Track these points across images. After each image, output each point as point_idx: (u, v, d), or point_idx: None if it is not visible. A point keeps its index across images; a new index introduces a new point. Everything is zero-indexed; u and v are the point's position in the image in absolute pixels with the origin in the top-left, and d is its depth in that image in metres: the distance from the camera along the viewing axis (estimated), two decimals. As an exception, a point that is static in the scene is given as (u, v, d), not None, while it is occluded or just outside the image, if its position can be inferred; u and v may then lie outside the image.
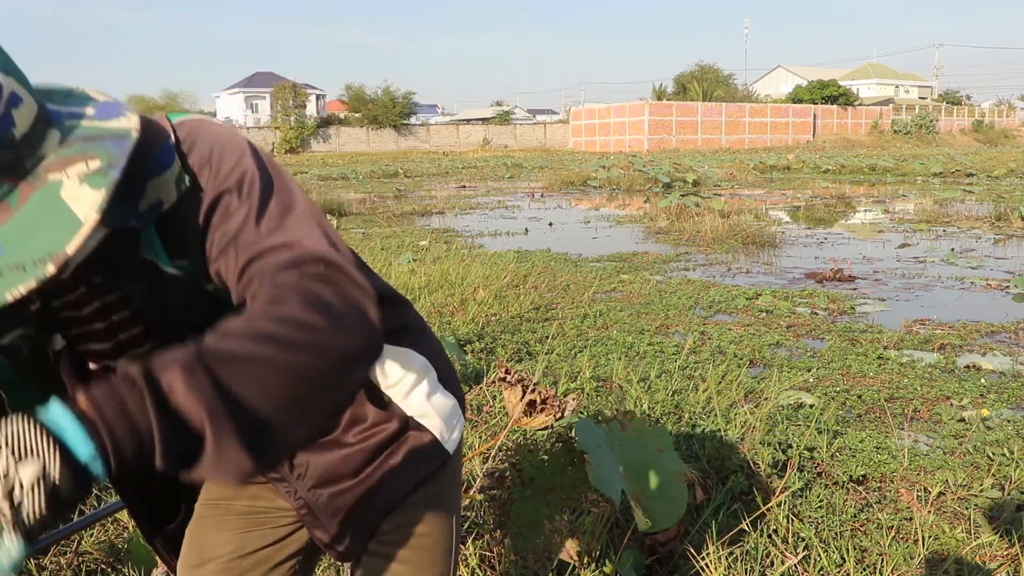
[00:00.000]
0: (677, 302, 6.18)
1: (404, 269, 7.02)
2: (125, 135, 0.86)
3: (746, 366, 4.41)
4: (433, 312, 5.49)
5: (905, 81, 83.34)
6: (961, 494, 2.79)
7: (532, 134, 65.17)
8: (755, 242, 9.73)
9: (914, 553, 2.39)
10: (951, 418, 3.59)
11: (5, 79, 0.80)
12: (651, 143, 53.52)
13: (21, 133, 0.80)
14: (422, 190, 21.72)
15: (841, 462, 3.06)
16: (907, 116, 66.11)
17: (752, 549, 2.37)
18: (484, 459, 2.74)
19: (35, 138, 0.82)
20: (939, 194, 17.16)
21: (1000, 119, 75.96)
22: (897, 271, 7.81)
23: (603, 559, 2.25)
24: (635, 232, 11.31)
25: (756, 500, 2.69)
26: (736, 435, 3.17)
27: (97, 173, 0.81)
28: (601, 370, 4.23)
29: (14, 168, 0.80)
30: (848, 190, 19.45)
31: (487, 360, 4.40)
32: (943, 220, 12.10)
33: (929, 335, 5.11)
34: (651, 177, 20.87)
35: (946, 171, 23.83)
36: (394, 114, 59.72)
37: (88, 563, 2.32)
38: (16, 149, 0.80)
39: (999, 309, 6.02)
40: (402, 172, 29.53)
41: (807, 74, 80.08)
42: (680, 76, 66.42)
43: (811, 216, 13.50)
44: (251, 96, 67.21)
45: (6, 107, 0.79)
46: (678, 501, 2.13)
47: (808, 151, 43.13)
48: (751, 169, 26.87)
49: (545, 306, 5.98)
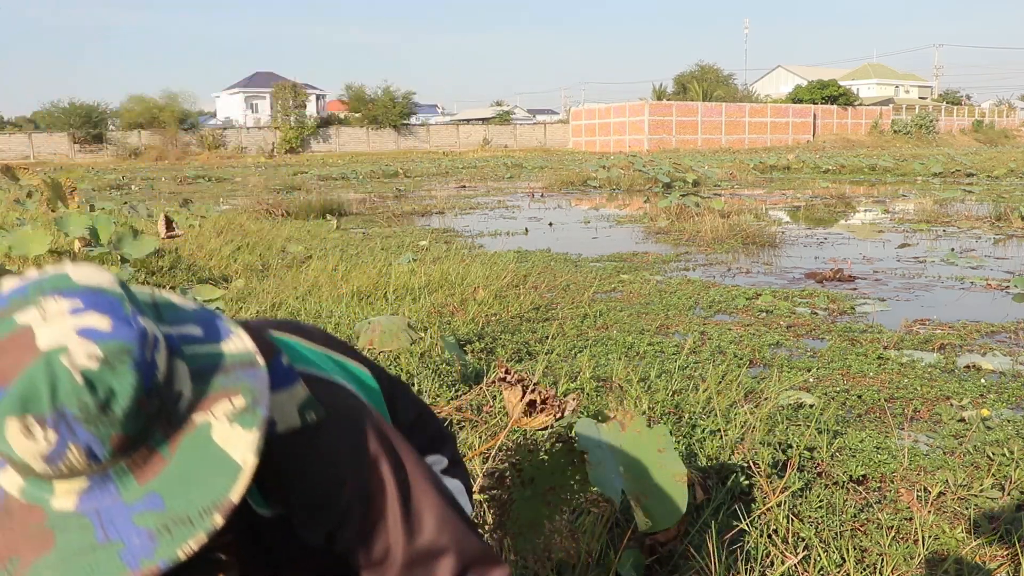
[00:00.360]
0: (677, 302, 6.18)
1: (404, 269, 7.02)
2: (251, 362, 0.84)
3: (746, 366, 4.41)
4: (433, 312, 5.48)
5: (905, 81, 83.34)
6: (961, 494, 2.78)
7: (532, 134, 65.16)
8: (755, 242, 9.73)
9: (914, 553, 2.38)
10: (951, 418, 3.59)
11: (146, 322, 0.77)
12: (651, 143, 53.52)
13: (163, 375, 0.78)
14: (422, 190, 21.71)
15: (841, 462, 3.05)
16: (907, 116, 66.11)
17: (752, 549, 2.37)
18: (484, 459, 2.74)
19: (172, 376, 0.79)
20: (939, 194, 17.16)
21: (1000, 119, 75.96)
22: (897, 271, 7.80)
23: (603, 559, 2.25)
24: (635, 232, 11.30)
25: (756, 500, 2.69)
26: (736, 435, 3.17)
27: (245, 412, 0.79)
28: (601, 370, 4.23)
29: (161, 414, 0.77)
30: (848, 190, 19.45)
31: (487, 360, 4.40)
32: (943, 220, 12.10)
33: (929, 335, 5.11)
34: (651, 177, 20.86)
35: (946, 171, 23.83)
36: (394, 114, 59.73)
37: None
38: (161, 394, 0.77)
39: (999, 309, 6.02)
40: (402, 172, 29.52)
41: (807, 74, 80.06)
42: (680, 76, 66.41)
43: (811, 216, 13.50)
44: (251, 96, 67.21)
45: (151, 352, 0.76)
46: (678, 501, 2.13)
47: (808, 151, 43.13)
48: (751, 169, 26.86)
49: (545, 306, 5.98)
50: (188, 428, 0.78)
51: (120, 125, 54.84)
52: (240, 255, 8.13)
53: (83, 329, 0.73)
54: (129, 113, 54.39)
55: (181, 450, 0.77)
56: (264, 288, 6.30)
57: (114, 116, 55.25)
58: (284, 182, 24.26)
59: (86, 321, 0.74)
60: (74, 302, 0.75)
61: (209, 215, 12.08)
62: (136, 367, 0.74)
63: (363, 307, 5.67)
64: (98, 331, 0.74)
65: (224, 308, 5.14)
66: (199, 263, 7.45)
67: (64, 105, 53.60)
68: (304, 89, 58.69)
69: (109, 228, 6.67)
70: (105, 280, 0.79)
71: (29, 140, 53.00)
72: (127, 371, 0.73)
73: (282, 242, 9.51)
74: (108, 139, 54.12)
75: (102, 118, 54.27)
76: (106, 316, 0.75)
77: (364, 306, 5.71)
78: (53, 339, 0.72)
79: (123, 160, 50.40)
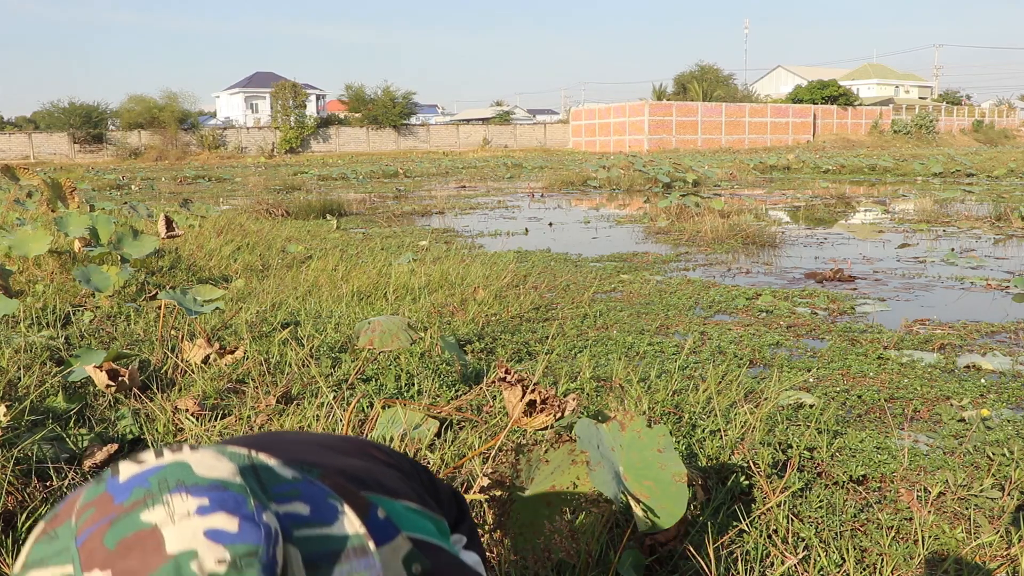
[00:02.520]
0: (677, 302, 6.18)
1: (404, 269, 7.02)
2: (364, 548, 0.82)
3: (746, 366, 4.41)
4: (433, 312, 5.48)
5: (905, 81, 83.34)
6: (961, 494, 2.78)
7: (532, 134, 65.16)
8: (755, 242, 9.73)
9: (914, 553, 2.38)
10: (951, 418, 3.59)
11: (269, 518, 0.76)
12: (651, 143, 53.52)
13: (280, 568, 0.76)
14: (422, 190, 21.71)
15: (841, 462, 3.05)
16: (907, 116, 66.12)
17: (752, 549, 2.37)
18: (484, 459, 2.74)
19: (288, 566, 0.77)
20: (939, 194, 17.16)
21: (1000, 119, 75.96)
22: (897, 271, 7.80)
23: (603, 559, 2.25)
24: (635, 232, 11.30)
25: (756, 500, 2.69)
26: (736, 435, 3.17)
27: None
28: (601, 370, 4.23)
29: None
30: (848, 190, 19.45)
31: (487, 360, 4.40)
32: (943, 220, 12.10)
33: (929, 335, 5.11)
34: (651, 177, 20.87)
35: (946, 171, 23.83)
36: (394, 114, 59.75)
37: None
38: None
39: (999, 309, 6.02)
40: (402, 172, 29.52)
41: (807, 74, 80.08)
42: (680, 76, 66.41)
43: (811, 216, 13.50)
44: (251, 96, 67.22)
45: (274, 549, 0.75)
46: (678, 501, 2.13)
47: (808, 151, 43.13)
48: (751, 169, 26.86)
49: (545, 306, 5.98)
50: None
51: (120, 125, 54.88)
52: (240, 255, 8.13)
53: (211, 531, 0.73)
54: (129, 113, 54.42)
55: None
56: (264, 288, 6.30)
57: (114, 116, 55.28)
58: (284, 182, 24.27)
59: (214, 523, 0.73)
60: (201, 500, 0.74)
61: (209, 215, 12.08)
62: (263, 569, 0.74)
63: (363, 307, 5.67)
64: (226, 533, 0.73)
65: (224, 308, 5.14)
66: (199, 263, 7.45)
67: (64, 105, 53.67)
68: (304, 89, 58.69)
69: (109, 228, 6.67)
70: (227, 472, 0.78)
71: (29, 140, 53.03)
72: (254, 574, 0.73)
73: (282, 242, 9.51)
74: (108, 139, 54.15)
75: (102, 118, 54.31)
76: (234, 517, 0.74)
77: (364, 306, 5.71)
78: (183, 542, 0.72)
79: (123, 160, 50.42)
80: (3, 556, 2.23)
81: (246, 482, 0.79)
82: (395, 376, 3.95)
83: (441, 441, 3.07)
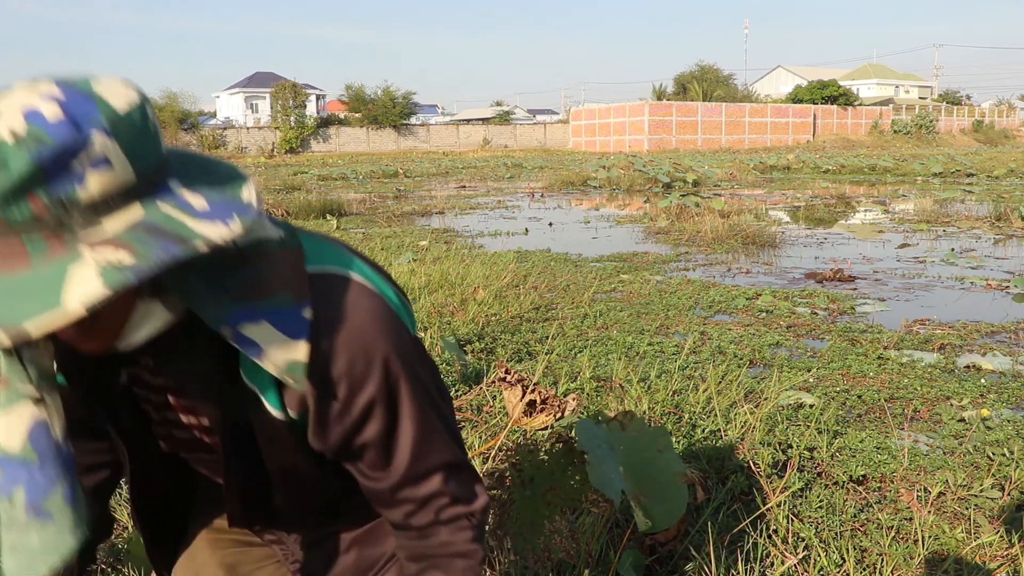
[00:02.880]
0: (677, 302, 6.18)
1: (404, 269, 7.02)
2: (188, 241, 0.77)
3: (746, 366, 4.41)
4: (433, 312, 5.49)
5: (905, 81, 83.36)
6: (961, 494, 2.78)
7: (532, 134, 65.17)
8: (755, 242, 9.73)
9: (914, 553, 2.38)
10: (951, 418, 3.59)
11: (102, 138, 0.74)
12: (651, 143, 53.52)
13: (89, 197, 0.74)
14: (422, 190, 21.72)
15: (841, 462, 3.05)
16: (907, 116, 66.12)
17: (752, 549, 2.37)
18: (484, 459, 2.74)
19: (105, 208, 0.75)
20: (939, 194, 17.16)
21: (1000, 119, 75.97)
22: (897, 271, 7.81)
23: (603, 559, 2.25)
24: (635, 232, 11.31)
25: (756, 500, 2.69)
26: (736, 435, 3.17)
27: (116, 268, 0.72)
28: (601, 370, 4.23)
29: (58, 227, 0.73)
30: (848, 190, 19.45)
31: (487, 360, 4.40)
32: (943, 220, 12.10)
33: (929, 335, 5.11)
34: (651, 177, 20.87)
35: (946, 171, 23.83)
36: (394, 114, 59.74)
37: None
38: (70, 210, 0.73)
39: (999, 309, 6.02)
40: (402, 172, 29.52)
41: (807, 74, 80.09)
42: (680, 76, 66.44)
43: (811, 216, 13.50)
44: (251, 96, 67.21)
45: (84, 165, 0.73)
46: (678, 501, 2.13)
47: (808, 151, 43.13)
48: (751, 169, 26.87)
49: (545, 306, 5.98)
50: (65, 252, 0.74)
51: (120, 125, 54.79)
52: (240, 255, 8.12)
53: (33, 111, 0.72)
54: (129, 113, 54.38)
55: (41, 265, 0.73)
56: (264, 288, 6.29)
57: (114, 116, 55.21)
58: (284, 182, 24.26)
59: (45, 108, 0.73)
60: (56, 92, 0.74)
61: (209, 215, 12.06)
62: (44, 162, 0.71)
63: (363, 307, 5.67)
64: (44, 119, 0.72)
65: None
66: (199, 263, 7.44)
67: (64, 105, 53.60)
68: (304, 89, 58.69)
69: (109, 228, 6.66)
70: (120, 100, 0.77)
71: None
72: (29, 159, 0.71)
73: (282, 242, 9.49)
74: (108, 139, 54.09)
75: (102, 118, 54.26)
76: (66, 115, 0.73)
77: (364, 306, 5.71)
78: (6, 104, 0.73)
79: (123, 160, 50.34)
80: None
81: (130, 114, 0.78)
82: (395, 376, 3.95)
83: (441, 441, 3.07)
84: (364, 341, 0.94)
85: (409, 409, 1.00)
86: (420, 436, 1.01)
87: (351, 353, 0.93)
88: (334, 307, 0.94)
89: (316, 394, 0.94)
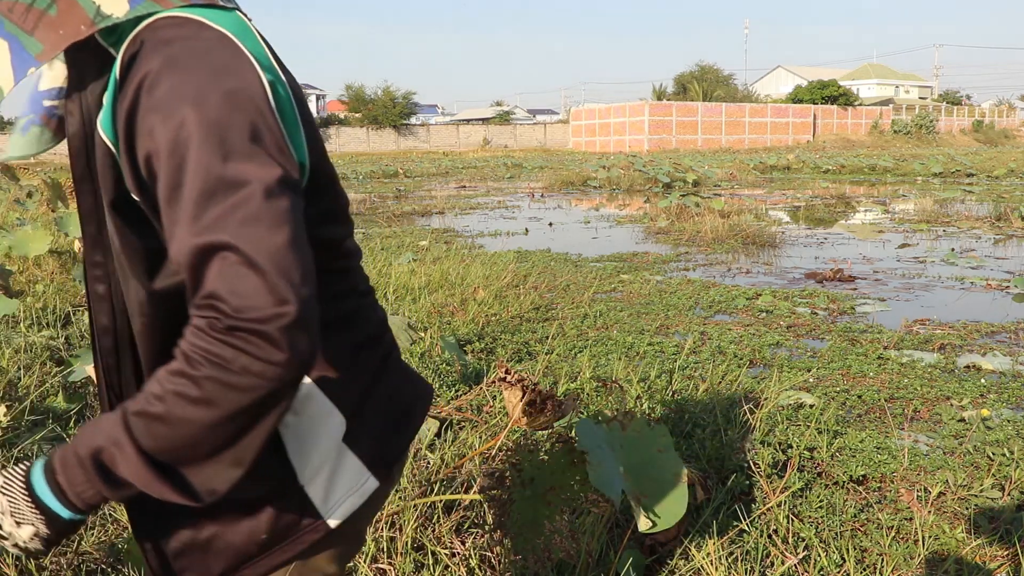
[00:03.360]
0: (677, 302, 6.18)
1: (404, 269, 7.02)
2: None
3: (746, 366, 4.41)
4: (433, 312, 5.49)
5: (905, 81, 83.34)
6: (961, 494, 2.78)
7: (532, 134, 65.16)
8: (755, 242, 9.73)
9: (914, 553, 2.38)
10: (951, 418, 3.59)
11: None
12: (651, 143, 53.51)
13: None
14: (422, 190, 21.72)
15: (841, 462, 3.06)
16: (907, 116, 66.10)
17: (752, 549, 2.37)
18: (484, 459, 2.74)
19: None
20: (939, 194, 17.16)
21: (1000, 119, 75.94)
22: (897, 271, 7.81)
23: (603, 559, 2.25)
24: (635, 232, 11.31)
25: (756, 500, 2.70)
26: (736, 435, 3.17)
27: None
28: (601, 370, 4.23)
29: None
30: (848, 190, 19.45)
31: (487, 360, 4.40)
32: (943, 220, 12.10)
33: (929, 335, 5.11)
34: (651, 177, 20.86)
35: (946, 171, 23.83)
36: (394, 114, 59.72)
37: (88, 563, 2.32)
38: None
39: (999, 309, 6.02)
40: (402, 172, 29.52)
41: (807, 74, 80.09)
42: (680, 76, 66.42)
43: (811, 216, 13.50)
44: (251, 96, 67.11)
45: None
46: (678, 501, 2.13)
47: (808, 151, 43.13)
48: (751, 169, 26.87)
49: (545, 306, 5.98)
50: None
51: (120, 125, 54.82)
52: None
53: None
54: (129, 113, 54.39)
55: None
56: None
57: (114, 116, 55.24)
58: (284, 182, 24.20)
59: None
60: None
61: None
62: None
63: (363, 307, 5.67)
64: None
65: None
66: (199, 263, 7.44)
67: (64, 105, 53.61)
68: (304, 89, 58.57)
69: (109, 228, 6.66)
70: None
71: (29, 140, 52.98)
72: None
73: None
74: (108, 139, 54.11)
75: (102, 118, 54.28)
76: None
77: (364, 306, 5.71)
78: None
79: (123, 160, 50.36)
80: (3, 556, 2.23)
81: None
82: (395, 376, 3.95)
83: (441, 441, 3.07)
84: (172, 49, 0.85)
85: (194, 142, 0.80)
86: (202, 186, 0.79)
87: (161, 54, 0.84)
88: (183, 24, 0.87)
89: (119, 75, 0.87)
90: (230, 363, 0.77)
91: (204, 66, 0.84)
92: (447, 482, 2.71)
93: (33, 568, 2.22)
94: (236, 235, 0.77)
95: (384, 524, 2.37)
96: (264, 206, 0.79)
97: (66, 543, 2.37)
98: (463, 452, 2.96)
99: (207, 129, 0.80)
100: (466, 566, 2.19)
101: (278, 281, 0.76)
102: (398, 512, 2.40)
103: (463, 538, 2.39)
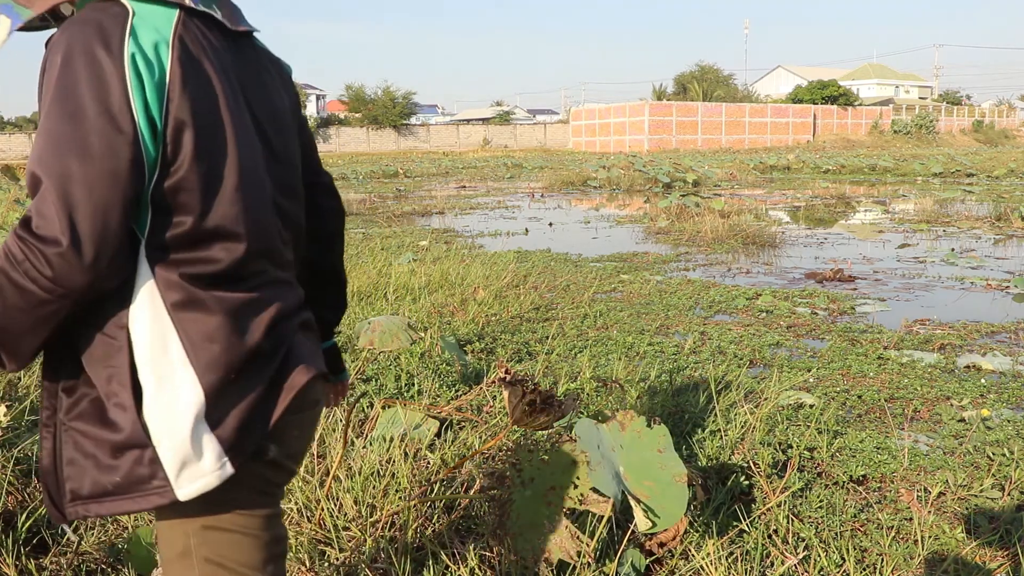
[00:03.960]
0: (677, 302, 6.18)
1: (404, 269, 7.02)
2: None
3: (746, 366, 4.41)
4: (433, 312, 5.49)
5: (905, 81, 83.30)
6: (961, 494, 2.79)
7: (532, 134, 65.14)
8: (755, 242, 9.74)
9: (914, 553, 2.39)
10: (951, 418, 3.59)
11: None
12: (651, 143, 53.50)
13: None
14: (422, 190, 21.72)
15: (841, 462, 3.06)
16: (907, 116, 66.09)
17: (752, 549, 2.37)
18: (484, 459, 2.74)
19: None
20: (939, 194, 17.17)
21: (1000, 119, 75.93)
22: (897, 271, 7.81)
23: (603, 559, 2.25)
24: (635, 232, 11.31)
25: (756, 500, 2.69)
26: (736, 435, 3.17)
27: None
28: (601, 370, 4.23)
29: None
30: (848, 190, 19.45)
31: (487, 360, 4.40)
32: (943, 220, 12.10)
33: (929, 335, 5.11)
34: (651, 177, 20.87)
35: (946, 171, 23.83)
36: (394, 114, 59.71)
37: (88, 563, 2.32)
38: None
39: (999, 309, 6.02)
40: (402, 172, 29.52)
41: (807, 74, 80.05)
42: (680, 76, 66.40)
43: (811, 216, 13.50)
44: (251, 96, 67.08)
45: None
46: (678, 501, 2.13)
47: (808, 151, 43.13)
48: (751, 169, 26.87)
49: (545, 306, 5.98)
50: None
51: (119, 125, 54.78)
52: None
53: None
54: (128, 113, 54.36)
55: None
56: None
57: (113, 116, 55.20)
58: (284, 182, 24.19)
59: None
60: None
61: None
62: None
63: (363, 307, 5.67)
64: None
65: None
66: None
67: (64, 105, 53.61)
68: (304, 89, 58.70)
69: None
70: None
71: (30, 140, 53.05)
72: None
73: (282, 242, 9.49)
74: (108, 139, 54.10)
75: (102, 118, 54.25)
76: None
77: (364, 306, 5.71)
78: None
79: (123, 160, 50.36)
80: (3, 556, 2.23)
81: None
82: (395, 376, 3.96)
83: (441, 441, 3.07)
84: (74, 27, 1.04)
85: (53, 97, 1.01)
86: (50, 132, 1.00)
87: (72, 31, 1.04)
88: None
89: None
90: (19, 263, 0.99)
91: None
92: (447, 482, 2.71)
93: (33, 568, 2.22)
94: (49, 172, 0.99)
95: (384, 524, 2.38)
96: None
97: (66, 543, 2.37)
98: (463, 452, 2.96)
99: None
100: (465, 566, 2.19)
101: (64, 217, 0.97)
102: (398, 512, 2.40)
103: (463, 538, 2.39)
